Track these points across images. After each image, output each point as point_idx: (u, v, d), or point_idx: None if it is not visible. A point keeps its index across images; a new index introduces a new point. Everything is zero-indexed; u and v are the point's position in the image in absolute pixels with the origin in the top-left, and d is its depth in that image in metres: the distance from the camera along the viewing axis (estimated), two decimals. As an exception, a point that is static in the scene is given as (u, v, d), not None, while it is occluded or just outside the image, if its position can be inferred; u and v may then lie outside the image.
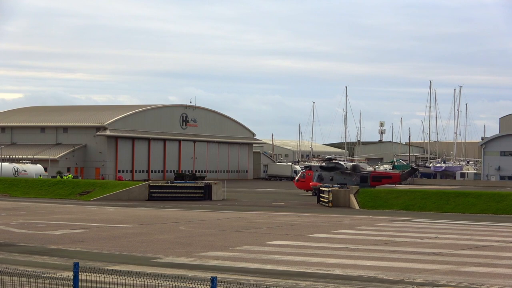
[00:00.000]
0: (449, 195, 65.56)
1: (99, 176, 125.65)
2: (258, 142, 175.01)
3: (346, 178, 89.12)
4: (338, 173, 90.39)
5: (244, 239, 37.88)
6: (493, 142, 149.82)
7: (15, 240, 36.06)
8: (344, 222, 49.63)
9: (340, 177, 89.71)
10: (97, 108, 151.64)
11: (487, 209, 60.72)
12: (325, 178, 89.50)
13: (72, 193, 76.59)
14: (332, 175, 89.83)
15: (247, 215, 54.75)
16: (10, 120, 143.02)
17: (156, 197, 73.09)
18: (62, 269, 25.63)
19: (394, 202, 65.08)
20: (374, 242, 36.87)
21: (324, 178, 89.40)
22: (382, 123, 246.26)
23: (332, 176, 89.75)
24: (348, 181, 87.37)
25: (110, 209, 60.48)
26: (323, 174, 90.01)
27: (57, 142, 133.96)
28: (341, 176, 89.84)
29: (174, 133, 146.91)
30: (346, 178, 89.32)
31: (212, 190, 75.42)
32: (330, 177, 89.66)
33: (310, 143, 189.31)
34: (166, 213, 56.56)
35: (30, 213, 54.50)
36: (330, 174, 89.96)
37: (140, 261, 28.79)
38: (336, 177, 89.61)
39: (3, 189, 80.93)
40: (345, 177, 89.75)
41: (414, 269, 27.69)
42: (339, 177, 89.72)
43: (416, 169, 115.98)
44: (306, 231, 42.36)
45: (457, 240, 38.37)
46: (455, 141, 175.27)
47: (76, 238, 37.10)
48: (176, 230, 42.01)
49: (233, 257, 30.58)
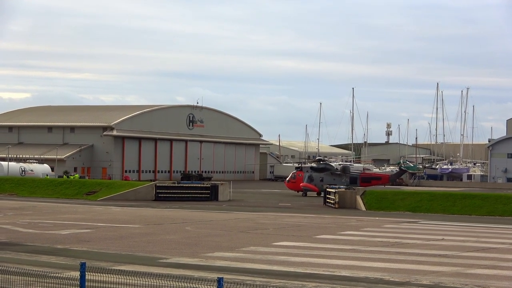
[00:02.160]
0: (455, 197, 65.48)
1: (105, 176, 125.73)
2: (265, 142, 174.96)
3: (336, 179, 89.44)
4: (328, 174, 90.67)
5: (251, 240, 37.88)
6: (500, 144, 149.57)
7: (22, 239, 36.13)
8: (351, 224, 49.60)
9: (330, 178, 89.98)
10: (104, 108, 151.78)
11: (494, 211, 60.63)
12: (315, 179, 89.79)
13: (79, 193, 76.71)
14: (322, 176, 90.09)
15: (253, 216, 54.75)
16: (17, 119, 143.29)
17: (163, 197, 73.14)
18: (69, 268, 25.67)
19: (401, 203, 65.00)
20: (380, 244, 36.84)
21: (314, 179, 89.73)
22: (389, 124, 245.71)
23: (322, 177, 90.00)
24: (338, 182, 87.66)
25: (117, 209, 60.56)
26: (313, 175, 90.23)
27: (64, 142, 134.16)
28: (331, 177, 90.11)
29: (181, 133, 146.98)
30: (336, 179, 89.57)
31: (218, 190, 75.44)
32: (320, 178, 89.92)
33: (317, 144, 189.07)
34: (173, 213, 56.60)
35: (37, 212, 54.60)
36: (320, 175, 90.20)
37: (146, 261, 28.82)
38: (326, 178, 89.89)
39: (10, 188, 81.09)
40: (335, 178, 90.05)
41: (420, 271, 27.66)
42: (329, 178, 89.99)
43: (405, 170, 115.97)
44: (312, 232, 42.35)
45: (463, 242, 38.31)
46: (462, 143, 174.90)
47: (83, 238, 37.15)
48: (182, 231, 42.04)
49: (239, 257, 30.59)
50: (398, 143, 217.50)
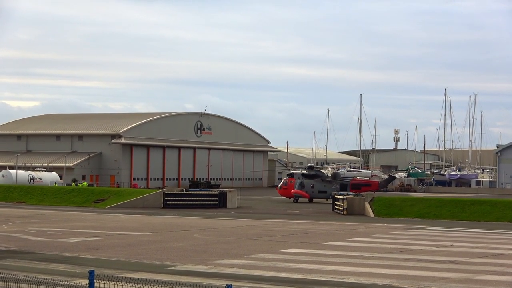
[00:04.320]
0: (464, 203, 65.33)
1: (114, 183, 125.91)
2: (273, 149, 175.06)
3: (326, 186, 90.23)
4: (319, 181, 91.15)
5: (259, 247, 37.86)
6: (508, 150, 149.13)
7: (31, 247, 36.18)
8: (359, 230, 49.54)
9: (320, 184, 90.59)
10: (112, 116, 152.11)
11: (503, 217, 60.48)
12: (306, 185, 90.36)
13: (87, 200, 76.83)
14: (313, 183, 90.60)
15: (261, 223, 54.73)
16: (26, 128, 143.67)
17: (171, 204, 73.21)
18: (78, 276, 25.69)
19: (409, 210, 64.91)
20: (389, 250, 36.78)
21: (305, 186, 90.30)
22: (397, 130, 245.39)
23: (313, 183, 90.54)
24: (329, 188, 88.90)
25: (125, 216, 60.62)
26: (305, 181, 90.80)
27: (72, 150, 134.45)
28: (321, 184, 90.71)
29: (189, 140, 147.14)
30: (327, 185, 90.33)
31: (226, 197, 75.50)
32: (311, 184, 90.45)
33: (325, 151, 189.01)
34: (181, 220, 56.63)
35: (45, 220, 54.69)
36: (311, 182, 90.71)
37: (155, 268, 28.83)
38: (317, 184, 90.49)
39: (19, 196, 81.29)
40: (325, 184, 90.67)
41: (429, 277, 27.60)
42: (319, 184, 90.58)
43: (394, 177, 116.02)
44: (321, 239, 42.32)
45: (472, 248, 38.22)
46: (470, 148, 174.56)
47: (91, 246, 37.19)
48: (191, 238, 42.05)
49: (248, 265, 30.58)
50: (406, 149, 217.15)
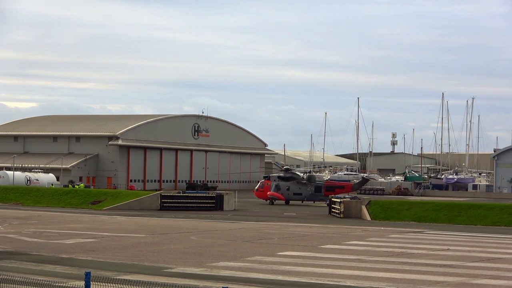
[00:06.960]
0: (461, 207, 65.38)
1: (111, 185, 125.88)
2: (270, 152, 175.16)
3: (301, 188, 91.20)
4: (294, 183, 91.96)
5: (255, 249, 37.87)
6: (505, 154, 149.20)
7: (27, 249, 36.17)
8: (356, 233, 49.57)
9: (296, 186, 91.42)
10: (110, 117, 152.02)
11: (499, 221, 60.52)
12: (282, 187, 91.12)
13: (84, 202, 76.80)
14: (289, 185, 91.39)
15: (258, 226, 54.74)
16: (23, 129, 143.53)
17: (168, 207, 73.20)
18: (74, 278, 25.68)
19: (406, 213, 64.95)
20: (385, 254, 36.80)
21: (281, 188, 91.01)
22: (394, 134, 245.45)
23: (289, 185, 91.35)
24: (304, 190, 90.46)
25: (122, 218, 60.60)
26: (280, 184, 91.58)
27: (69, 151, 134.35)
28: (297, 186, 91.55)
29: (186, 143, 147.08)
30: (302, 187, 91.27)
31: (223, 200, 75.51)
32: (287, 186, 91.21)
33: (322, 154, 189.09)
34: (178, 223, 56.63)
35: (42, 222, 54.66)
36: (286, 184, 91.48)
37: (151, 270, 28.83)
38: (292, 186, 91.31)
39: (16, 198, 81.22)
40: (300, 186, 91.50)
41: (425, 281, 27.61)
42: (295, 186, 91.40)
43: (367, 179, 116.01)
44: (317, 242, 42.33)
45: (469, 252, 38.25)
46: (467, 152, 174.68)
47: (88, 247, 37.17)
48: (187, 240, 42.05)
49: (244, 267, 30.58)
50: (403, 152, 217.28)
